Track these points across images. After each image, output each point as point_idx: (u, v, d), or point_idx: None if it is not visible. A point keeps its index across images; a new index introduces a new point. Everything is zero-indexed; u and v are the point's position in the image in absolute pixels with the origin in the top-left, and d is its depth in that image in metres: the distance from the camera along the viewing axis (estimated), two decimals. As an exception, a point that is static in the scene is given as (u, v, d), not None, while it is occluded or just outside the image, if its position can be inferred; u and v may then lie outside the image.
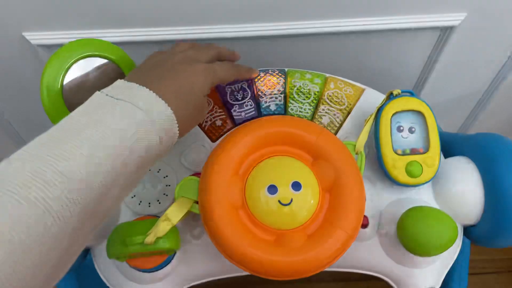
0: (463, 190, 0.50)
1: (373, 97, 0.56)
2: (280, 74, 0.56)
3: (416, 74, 0.75)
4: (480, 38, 0.67)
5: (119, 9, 0.58)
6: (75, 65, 0.46)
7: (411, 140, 0.51)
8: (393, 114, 0.50)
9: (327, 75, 0.57)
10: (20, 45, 0.62)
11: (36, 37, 0.61)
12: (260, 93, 0.54)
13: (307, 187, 0.44)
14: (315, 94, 0.55)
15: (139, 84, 0.38)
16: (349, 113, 0.54)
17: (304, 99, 0.54)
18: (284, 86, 0.55)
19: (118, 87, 0.38)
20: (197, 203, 0.45)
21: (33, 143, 0.32)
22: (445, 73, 0.73)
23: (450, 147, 0.56)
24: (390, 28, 0.63)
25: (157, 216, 0.49)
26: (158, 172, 0.51)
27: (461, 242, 0.52)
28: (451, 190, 0.50)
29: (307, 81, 0.55)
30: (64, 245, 0.30)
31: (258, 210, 0.44)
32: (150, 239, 0.43)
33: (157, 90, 0.38)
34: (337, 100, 0.55)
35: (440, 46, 0.68)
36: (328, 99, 0.54)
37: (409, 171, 0.49)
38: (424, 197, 0.51)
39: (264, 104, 0.54)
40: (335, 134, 0.53)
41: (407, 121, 0.51)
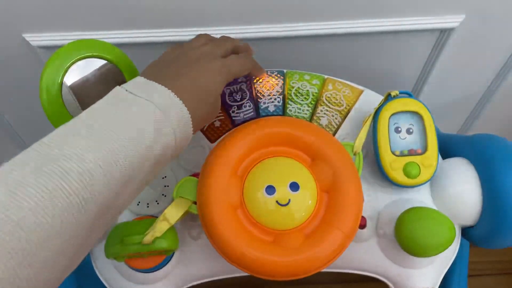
0: (461, 191, 0.50)
1: (371, 98, 0.56)
2: (278, 75, 0.56)
3: (415, 75, 0.76)
4: (479, 40, 0.68)
5: (119, 11, 0.58)
6: (74, 66, 0.46)
7: (409, 141, 0.51)
8: (391, 115, 0.50)
9: (326, 76, 0.57)
10: (20, 46, 0.62)
11: (36, 39, 0.61)
12: (258, 94, 0.55)
13: (305, 187, 0.44)
14: (313, 95, 0.55)
15: (157, 82, 0.38)
16: (347, 114, 0.55)
17: (303, 100, 0.54)
18: (283, 88, 0.55)
19: (138, 83, 0.38)
20: (196, 203, 0.45)
21: (52, 136, 0.32)
22: (444, 75, 0.73)
23: (448, 148, 0.56)
24: (389, 30, 0.63)
25: (155, 217, 0.49)
26: (157, 172, 0.51)
27: (459, 243, 0.52)
28: (449, 191, 0.51)
29: (305, 82, 0.55)
30: (82, 236, 0.31)
31: (256, 210, 0.44)
32: (148, 238, 0.43)
33: (174, 88, 0.38)
34: (336, 101, 0.55)
35: (439, 48, 0.68)
36: (326, 100, 0.55)
37: (407, 172, 0.49)
38: (422, 198, 0.52)
39: (263, 105, 0.54)
40: (333, 135, 0.54)
41: (405, 122, 0.51)
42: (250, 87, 0.55)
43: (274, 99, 0.54)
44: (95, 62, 0.47)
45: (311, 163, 0.46)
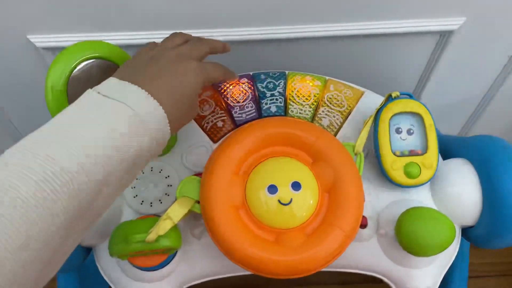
0: (460, 191, 0.51)
1: (372, 99, 0.56)
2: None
3: (416, 78, 0.76)
4: (479, 42, 0.68)
5: (123, 13, 0.59)
6: (79, 67, 0.46)
7: (409, 141, 0.51)
8: (392, 116, 0.51)
9: (327, 77, 0.58)
10: (25, 47, 0.63)
11: (40, 40, 0.62)
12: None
13: (307, 187, 0.45)
14: (315, 96, 0.55)
15: (131, 83, 0.37)
16: (348, 115, 0.55)
17: (304, 101, 0.55)
18: (284, 89, 0.56)
19: (110, 85, 0.37)
20: (198, 202, 0.46)
21: (24, 141, 0.31)
22: (444, 77, 0.74)
23: (448, 149, 0.56)
24: (390, 32, 0.64)
25: (158, 216, 0.49)
26: (160, 172, 0.52)
27: (459, 243, 0.53)
28: (449, 191, 0.51)
29: (307, 83, 0.56)
30: (55, 243, 0.30)
31: (258, 209, 0.45)
32: (152, 237, 0.44)
33: (149, 89, 0.37)
34: (337, 102, 0.55)
35: (440, 50, 0.68)
36: (328, 101, 0.55)
37: (407, 172, 0.50)
38: (422, 198, 0.52)
39: (265, 106, 0.55)
40: (335, 135, 0.54)
41: (405, 123, 0.51)
42: (252, 88, 0.56)
43: (276, 99, 0.55)
44: (100, 62, 0.48)
45: (312, 163, 0.47)
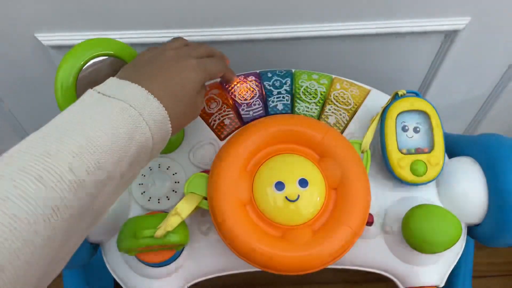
0: (467, 189, 0.51)
1: (378, 97, 0.56)
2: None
3: (421, 77, 0.76)
4: (485, 42, 0.68)
5: (129, 12, 0.59)
6: (88, 64, 0.47)
7: (416, 139, 0.51)
8: (399, 114, 0.51)
9: (334, 76, 0.58)
10: (32, 45, 0.63)
11: (47, 38, 0.62)
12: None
13: (314, 184, 0.45)
14: (321, 94, 0.56)
15: (131, 82, 0.38)
16: (355, 113, 0.55)
17: (311, 99, 0.55)
18: (291, 87, 0.56)
19: (110, 85, 0.38)
20: (206, 199, 0.46)
21: (26, 141, 0.32)
22: (449, 76, 0.74)
23: (454, 148, 0.57)
24: (395, 31, 0.64)
25: (166, 212, 0.50)
26: (168, 169, 0.52)
27: (465, 241, 0.53)
28: (455, 189, 0.51)
29: (314, 82, 0.56)
30: (57, 243, 0.30)
31: (266, 206, 0.45)
32: (160, 232, 0.44)
33: (149, 88, 0.38)
34: (343, 100, 0.56)
35: (445, 50, 0.68)
36: (334, 99, 0.55)
37: (413, 170, 0.50)
38: (428, 195, 0.52)
39: (272, 104, 0.55)
40: (341, 133, 0.54)
41: (412, 121, 0.52)
42: (259, 86, 0.56)
43: (282, 97, 0.55)
44: (109, 60, 0.48)
45: (319, 160, 0.47)
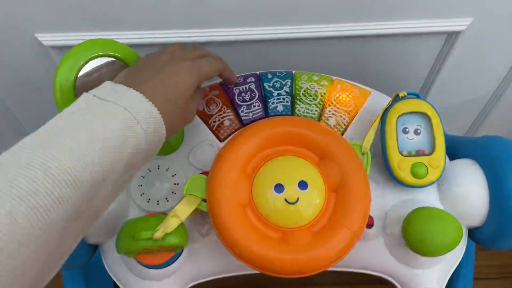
0: (468, 192, 0.50)
1: (379, 99, 0.56)
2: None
3: (423, 78, 0.76)
4: (487, 43, 0.68)
5: (129, 13, 0.59)
6: (88, 64, 0.47)
7: (416, 141, 0.51)
8: (399, 116, 0.51)
9: (334, 77, 0.58)
10: (33, 46, 0.63)
11: (48, 38, 0.62)
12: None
13: (314, 186, 0.45)
14: (321, 96, 0.55)
15: (126, 86, 0.38)
16: (355, 115, 0.55)
17: (311, 101, 0.55)
18: (291, 88, 0.56)
19: (105, 88, 0.38)
20: (205, 201, 0.46)
21: (21, 142, 0.32)
22: (451, 77, 0.74)
23: (455, 150, 0.56)
24: (397, 32, 0.64)
25: (165, 214, 0.49)
26: (167, 170, 0.52)
27: (465, 243, 0.53)
28: (456, 191, 0.51)
29: (314, 83, 0.56)
30: (52, 244, 0.30)
31: (265, 208, 0.45)
32: (159, 234, 0.44)
33: (143, 91, 0.38)
34: (344, 102, 0.55)
35: (446, 51, 0.68)
36: (334, 100, 0.55)
37: (414, 172, 0.49)
38: (429, 198, 0.52)
39: (272, 105, 0.55)
40: (341, 135, 0.54)
41: (412, 123, 0.51)
42: (258, 87, 0.56)
43: (283, 99, 0.55)
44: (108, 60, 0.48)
45: (319, 162, 0.47)
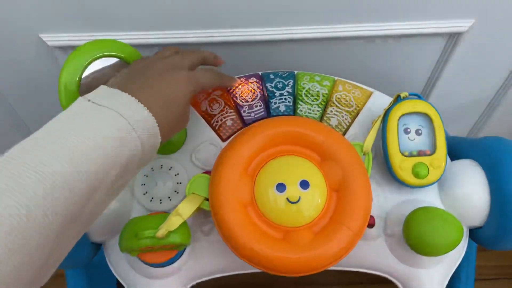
0: (469, 192, 0.51)
1: (381, 100, 0.56)
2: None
3: (424, 79, 0.76)
4: (488, 44, 0.68)
5: (133, 13, 0.59)
6: (92, 65, 0.47)
7: (418, 142, 0.51)
8: (401, 116, 0.51)
9: (336, 78, 0.58)
10: (37, 46, 0.63)
11: (52, 39, 0.62)
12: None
13: (315, 186, 0.45)
14: (323, 96, 0.56)
15: (122, 91, 0.38)
16: (357, 115, 0.55)
17: (313, 101, 0.55)
18: (293, 88, 0.56)
19: (101, 93, 0.38)
20: (207, 200, 0.46)
21: (15, 148, 0.32)
22: (453, 78, 0.74)
23: (457, 150, 0.56)
24: (399, 33, 0.64)
25: (168, 212, 0.50)
26: (170, 170, 0.52)
27: (466, 243, 0.53)
28: (457, 192, 0.51)
29: (316, 84, 0.56)
30: (47, 248, 0.30)
31: (267, 207, 0.45)
32: (162, 233, 0.44)
33: (140, 97, 0.38)
34: (346, 102, 0.56)
35: (448, 52, 0.68)
36: (336, 101, 0.56)
37: (415, 173, 0.50)
38: (430, 198, 0.52)
39: (274, 105, 0.55)
40: (343, 135, 0.54)
41: (414, 123, 0.52)
42: (261, 88, 0.56)
43: (285, 99, 0.55)
44: (112, 61, 0.49)
45: (321, 162, 0.47)
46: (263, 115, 0.54)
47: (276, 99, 0.55)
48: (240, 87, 0.56)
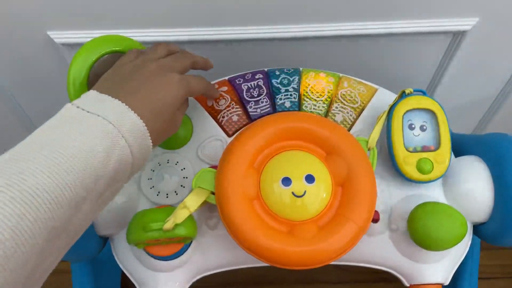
0: (473, 188, 0.51)
1: (385, 96, 0.57)
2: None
3: (429, 77, 0.76)
4: (492, 43, 0.68)
5: (139, 10, 0.60)
6: (100, 60, 0.48)
7: (422, 137, 0.52)
8: (405, 112, 0.51)
9: (341, 74, 0.58)
10: (45, 43, 0.64)
11: (60, 36, 0.63)
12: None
13: (320, 180, 0.45)
14: (328, 93, 0.56)
15: (111, 96, 0.37)
16: (362, 111, 0.56)
17: (318, 97, 0.56)
18: (299, 85, 0.57)
19: (90, 99, 0.37)
20: (214, 193, 0.47)
21: (1, 158, 0.31)
22: (457, 77, 0.74)
23: (461, 147, 0.57)
24: (403, 31, 0.64)
25: (174, 206, 0.50)
26: (176, 164, 0.53)
27: (470, 239, 0.53)
28: (461, 187, 0.51)
29: (321, 80, 0.57)
30: (32, 262, 0.29)
31: (272, 201, 0.45)
32: (169, 225, 0.45)
33: (129, 103, 0.37)
34: (351, 99, 0.56)
35: (453, 50, 0.69)
36: (341, 97, 0.56)
37: (420, 168, 0.50)
38: (434, 193, 0.52)
39: (279, 101, 0.55)
40: (348, 131, 0.55)
41: (418, 119, 0.52)
42: (266, 83, 0.56)
43: (290, 95, 0.56)
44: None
45: (326, 157, 0.47)
46: (269, 111, 0.55)
47: (282, 95, 0.56)
48: (246, 83, 0.57)
